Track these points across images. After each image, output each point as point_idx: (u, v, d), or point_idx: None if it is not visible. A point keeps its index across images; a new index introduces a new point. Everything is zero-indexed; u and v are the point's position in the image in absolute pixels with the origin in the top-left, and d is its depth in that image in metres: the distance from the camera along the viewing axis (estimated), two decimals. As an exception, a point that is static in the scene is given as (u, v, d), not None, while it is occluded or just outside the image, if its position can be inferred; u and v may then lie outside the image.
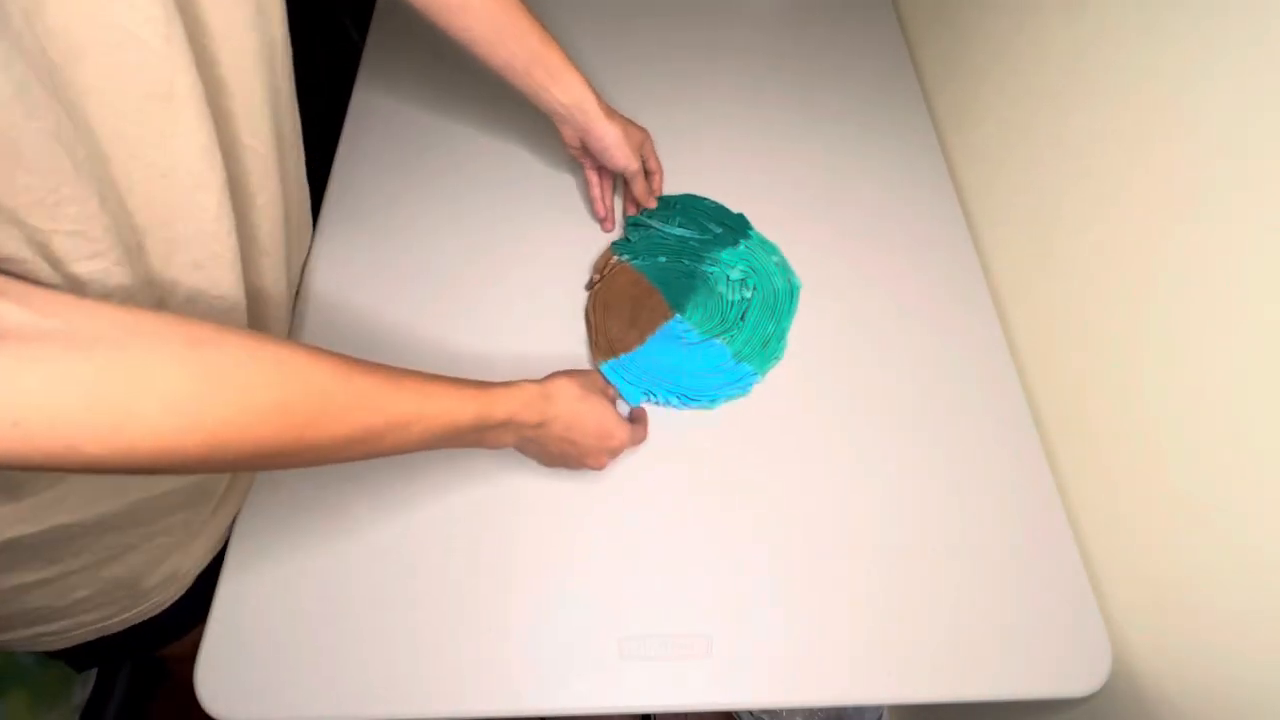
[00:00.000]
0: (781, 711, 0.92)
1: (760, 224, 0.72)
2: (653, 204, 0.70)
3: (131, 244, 0.37)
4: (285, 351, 0.34)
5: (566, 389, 0.50)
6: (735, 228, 0.71)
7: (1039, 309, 0.65)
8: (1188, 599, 0.49)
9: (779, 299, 0.67)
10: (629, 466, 0.58)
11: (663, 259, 0.68)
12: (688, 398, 0.61)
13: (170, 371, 0.30)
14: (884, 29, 0.91)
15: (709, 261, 0.69)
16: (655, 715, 0.90)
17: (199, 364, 0.30)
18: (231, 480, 0.54)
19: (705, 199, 0.73)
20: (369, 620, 0.51)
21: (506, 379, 0.62)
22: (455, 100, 0.79)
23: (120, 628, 0.52)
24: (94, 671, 0.89)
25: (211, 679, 0.49)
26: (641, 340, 0.63)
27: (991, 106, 0.72)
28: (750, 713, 0.93)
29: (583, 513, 0.56)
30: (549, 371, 0.51)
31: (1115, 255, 0.55)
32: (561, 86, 0.59)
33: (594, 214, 0.71)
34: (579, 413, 0.50)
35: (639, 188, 0.67)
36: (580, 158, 0.67)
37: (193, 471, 0.32)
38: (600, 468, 0.54)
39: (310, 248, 0.67)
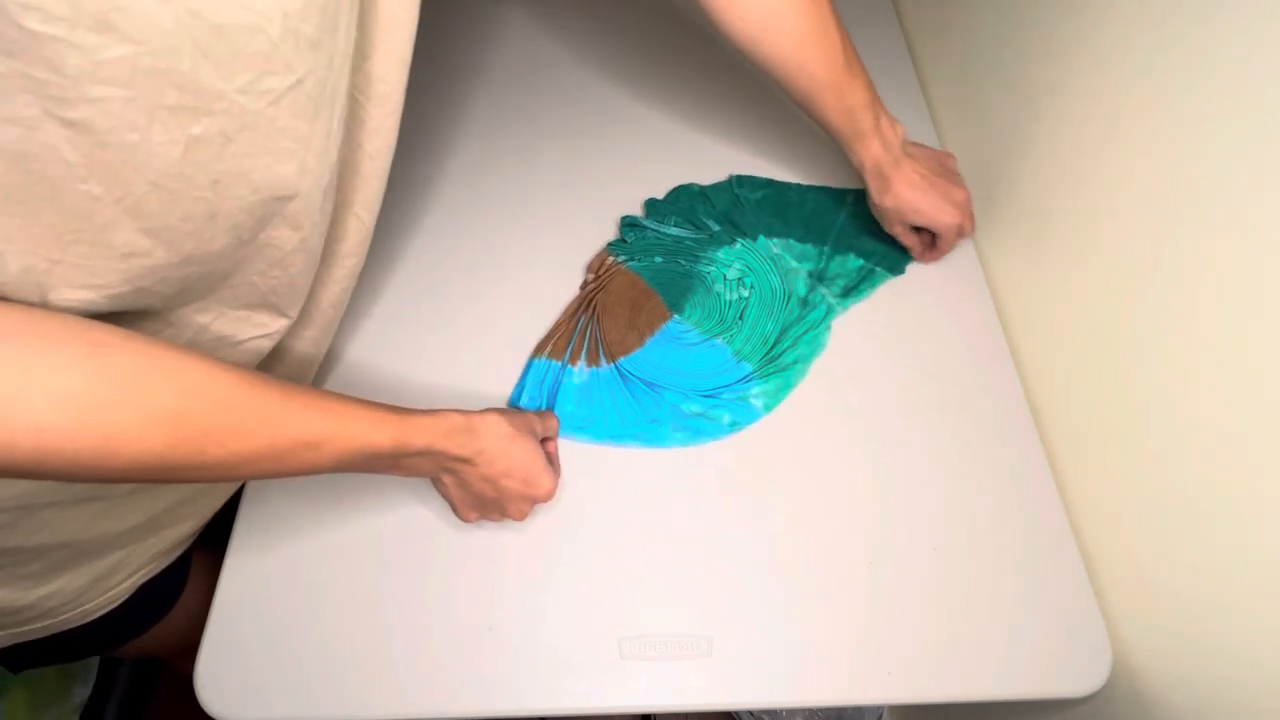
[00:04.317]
0: (781, 711, 0.92)
1: (760, 224, 0.72)
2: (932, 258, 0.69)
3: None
4: (190, 362, 0.34)
5: (495, 426, 0.47)
6: (737, 224, 0.71)
7: (1039, 307, 0.65)
8: (1188, 599, 0.49)
9: (776, 297, 0.67)
10: (629, 466, 0.58)
11: (659, 259, 0.68)
12: (712, 410, 0.61)
13: (66, 370, 0.29)
14: (884, 29, 0.91)
15: (705, 261, 0.68)
16: (655, 715, 0.90)
17: (99, 366, 0.30)
18: (154, 516, 0.51)
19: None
20: (369, 620, 0.51)
21: (502, 382, 0.62)
22: (455, 101, 0.79)
23: (10, 641, 0.50)
24: (94, 671, 0.89)
25: (211, 679, 0.49)
26: (641, 342, 0.63)
27: (991, 105, 0.72)
28: (750, 713, 0.93)
29: (582, 512, 0.56)
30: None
31: (1116, 253, 0.55)
32: (854, 151, 0.61)
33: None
34: (507, 453, 0.47)
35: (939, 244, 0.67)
36: None
37: (83, 477, 0.31)
38: (521, 518, 0.52)
39: None
